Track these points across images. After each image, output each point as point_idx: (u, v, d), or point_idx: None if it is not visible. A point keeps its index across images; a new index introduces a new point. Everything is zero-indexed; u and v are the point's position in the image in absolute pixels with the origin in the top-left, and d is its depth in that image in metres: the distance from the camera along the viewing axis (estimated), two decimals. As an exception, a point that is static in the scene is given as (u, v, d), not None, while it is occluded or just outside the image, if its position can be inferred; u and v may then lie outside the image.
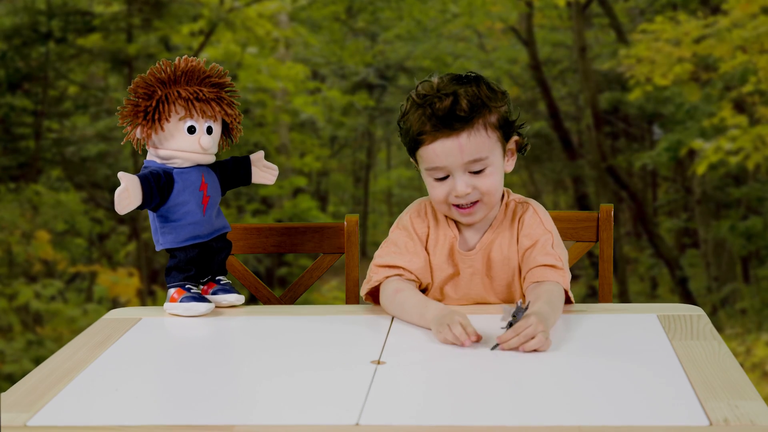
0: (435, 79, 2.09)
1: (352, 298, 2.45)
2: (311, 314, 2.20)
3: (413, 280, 2.14)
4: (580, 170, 7.76)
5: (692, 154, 6.97)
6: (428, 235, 2.17)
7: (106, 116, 7.40)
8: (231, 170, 2.26)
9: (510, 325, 1.90)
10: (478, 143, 2.04)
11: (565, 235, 2.49)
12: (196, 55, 2.20)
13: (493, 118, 2.06)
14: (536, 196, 7.84)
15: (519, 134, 2.15)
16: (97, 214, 7.27)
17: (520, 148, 2.16)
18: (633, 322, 2.04)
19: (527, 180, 8.09)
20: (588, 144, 7.68)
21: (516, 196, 2.21)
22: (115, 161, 7.40)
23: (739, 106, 6.78)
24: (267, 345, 1.99)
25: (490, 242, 2.16)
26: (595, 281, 2.70)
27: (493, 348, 1.86)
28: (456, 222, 2.17)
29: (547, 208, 2.23)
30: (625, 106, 7.61)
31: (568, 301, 2.13)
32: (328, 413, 1.60)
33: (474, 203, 2.09)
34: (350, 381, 1.73)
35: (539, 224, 2.15)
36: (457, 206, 2.09)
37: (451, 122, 2.02)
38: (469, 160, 2.04)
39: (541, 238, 2.14)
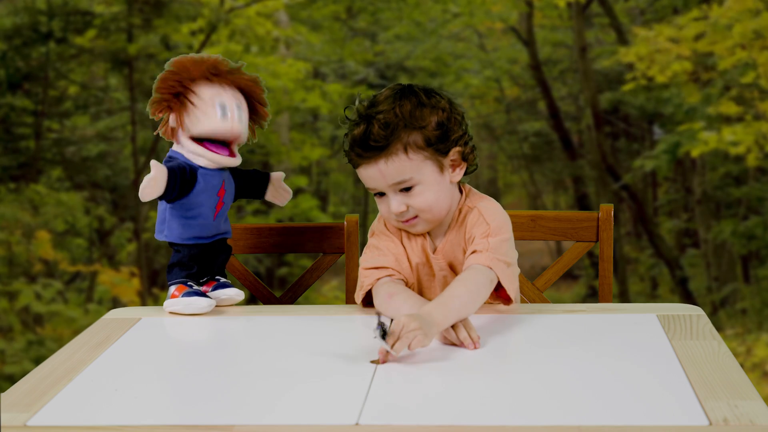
0: (357, 104, 2.09)
1: (352, 298, 2.45)
2: (311, 314, 2.20)
3: (403, 279, 2.15)
4: (580, 170, 7.76)
5: (689, 156, 6.97)
6: (402, 238, 2.18)
7: (107, 116, 7.41)
8: (249, 181, 2.28)
9: (383, 335, 1.82)
10: (397, 167, 2.04)
11: (565, 234, 2.49)
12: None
13: (416, 138, 2.04)
14: (536, 196, 7.88)
15: (465, 144, 2.10)
16: (98, 212, 7.28)
17: (465, 158, 2.11)
18: (632, 322, 2.04)
19: (527, 180, 8.09)
20: (588, 144, 7.68)
21: (472, 199, 2.17)
22: (115, 161, 7.41)
23: (739, 102, 6.78)
24: (267, 345, 1.99)
25: (446, 249, 2.17)
26: (595, 281, 2.70)
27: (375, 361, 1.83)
28: None
29: (546, 208, 2.22)
30: (626, 106, 7.61)
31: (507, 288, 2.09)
32: (327, 413, 1.60)
33: (411, 219, 2.10)
34: (350, 381, 1.73)
35: (481, 223, 2.11)
36: (399, 221, 2.11)
37: (366, 150, 2.04)
38: (392, 183, 2.05)
39: (477, 233, 2.11)
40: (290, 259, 7.49)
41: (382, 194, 2.10)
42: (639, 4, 7.56)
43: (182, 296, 2.15)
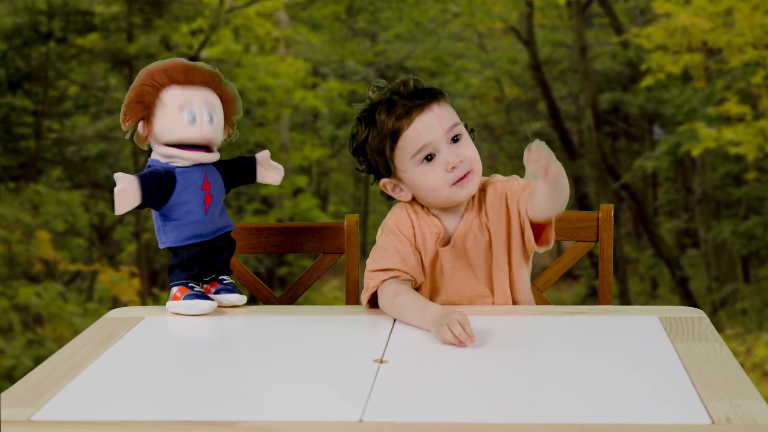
0: (374, 95, 2.17)
1: (352, 298, 2.45)
2: (313, 314, 2.20)
3: (409, 280, 2.15)
4: (580, 170, 7.76)
5: (689, 156, 6.97)
6: (414, 235, 2.18)
7: (107, 116, 7.41)
8: (236, 168, 2.26)
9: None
10: (448, 110, 2.13)
11: (565, 234, 2.49)
12: (196, 54, 2.23)
13: (446, 99, 2.17)
14: (536, 196, 7.87)
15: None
16: (97, 208, 7.28)
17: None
18: (634, 323, 2.05)
19: (527, 180, 8.07)
20: (588, 144, 7.68)
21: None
22: (115, 161, 7.41)
23: (744, 99, 6.78)
24: (269, 343, 1.99)
25: (465, 232, 2.18)
26: (596, 281, 2.70)
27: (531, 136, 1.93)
28: (437, 216, 2.19)
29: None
30: (626, 106, 7.61)
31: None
32: (331, 410, 1.60)
33: (467, 173, 2.12)
34: (353, 379, 1.73)
35: (505, 182, 2.19)
36: (454, 183, 2.11)
37: (421, 97, 2.11)
38: (448, 128, 2.11)
39: (507, 184, 2.18)
40: (290, 259, 7.49)
41: (430, 158, 2.10)
42: (639, 4, 7.56)
43: (184, 298, 2.15)
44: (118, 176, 2.05)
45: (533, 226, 2.15)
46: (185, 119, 2.11)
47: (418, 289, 2.18)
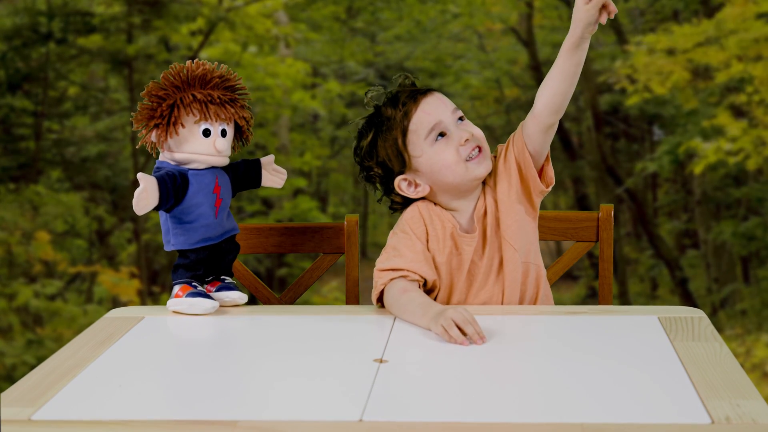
0: (372, 94, 2.24)
1: (352, 298, 2.46)
2: (313, 314, 2.20)
3: (417, 280, 2.15)
4: (580, 171, 7.76)
5: (692, 156, 6.97)
6: (427, 234, 2.18)
7: (106, 117, 7.41)
8: (242, 173, 2.28)
9: None
10: (444, 96, 2.21)
11: (565, 234, 2.50)
12: (195, 54, 2.22)
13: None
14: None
15: None
16: (97, 212, 7.27)
17: None
18: (634, 323, 2.05)
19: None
20: (588, 145, 7.68)
21: None
22: (115, 162, 7.41)
23: (738, 113, 6.78)
24: (270, 343, 1.99)
25: (483, 212, 2.19)
26: (595, 282, 2.71)
27: None
28: (451, 210, 2.20)
29: (546, 209, 2.26)
30: (625, 107, 7.61)
31: None
32: (331, 409, 1.61)
33: (480, 151, 2.16)
34: (353, 378, 1.73)
35: (500, 147, 2.22)
36: (469, 159, 2.15)
37: (421, 88, 2.21)
38: (452, 109, 2.18)
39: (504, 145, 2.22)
40: (290, 260, 7.49)
41: (443, 135, 2.15)
42: (639, 4, 7.56)
43: (186, 296, 2.15)
44: (141, 177, 2.07)
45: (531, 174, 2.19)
46: (200, 133, 2.13)
47: (432, 289, 2.18)
